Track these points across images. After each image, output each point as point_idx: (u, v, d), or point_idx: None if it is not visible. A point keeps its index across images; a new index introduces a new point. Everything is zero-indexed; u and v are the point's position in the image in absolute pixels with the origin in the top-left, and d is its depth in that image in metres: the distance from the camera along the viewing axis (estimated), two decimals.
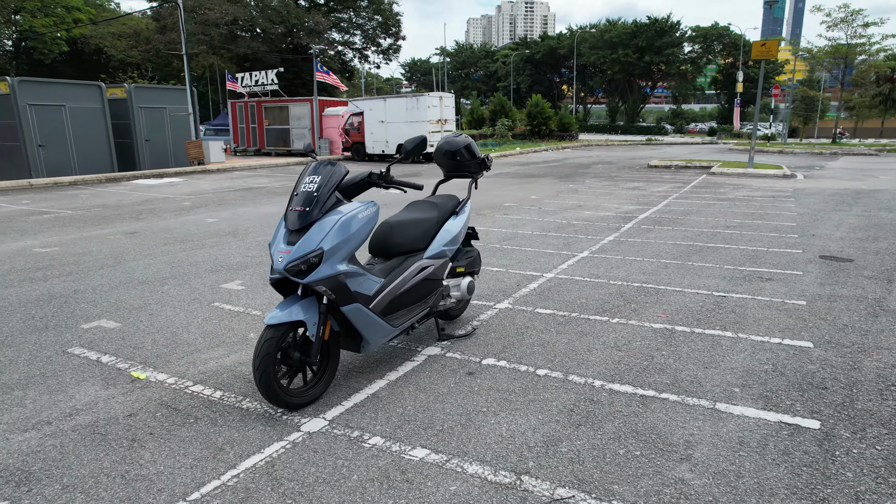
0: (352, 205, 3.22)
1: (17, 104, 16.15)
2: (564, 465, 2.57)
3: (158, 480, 2.54)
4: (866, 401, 3.08)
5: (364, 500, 2.37)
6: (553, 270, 5.91)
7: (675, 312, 4.56)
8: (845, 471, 2.49)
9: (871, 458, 2.57)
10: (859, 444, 2.68)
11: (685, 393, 3.21)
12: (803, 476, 2.46)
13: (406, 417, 3.04)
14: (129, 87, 18.73)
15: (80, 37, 53.25)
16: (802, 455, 2.61)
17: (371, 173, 3.43)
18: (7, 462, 2.71)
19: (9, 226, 9.40)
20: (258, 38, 36.69)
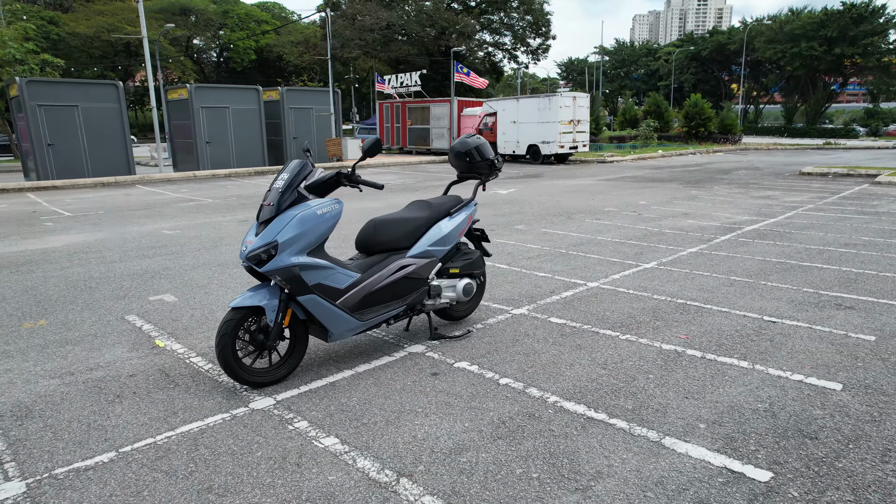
0: (314, 201, 3.39)
1: (193, 107, 18.76)
2: (452, 475, 2.51)
3: (110, 431, 2.93)
4: (856, 460, 2.56)
5: (249, 474, 2.54)
6: (601, 280, 5.58)
7: (701, 334, 4.10)
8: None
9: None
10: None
11: (638, 422, 2.92)
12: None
13: (343, 407, 3.15)
14: (281, 90, 20.84)
15: (265, 46, 60.10)
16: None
17: (339, 172, 3.58)
18: (23, 400, 3.30)
19: (158, 211, 11.04)
20: (411, 42, 38.58)
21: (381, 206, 10.96)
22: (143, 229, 8.90)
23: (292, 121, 21.21)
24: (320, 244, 3.44)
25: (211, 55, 66.37)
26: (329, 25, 23.42)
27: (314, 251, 3.41)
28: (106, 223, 9.60)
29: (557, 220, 9.19)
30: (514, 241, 7.54)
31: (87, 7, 52.61)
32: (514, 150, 22.94)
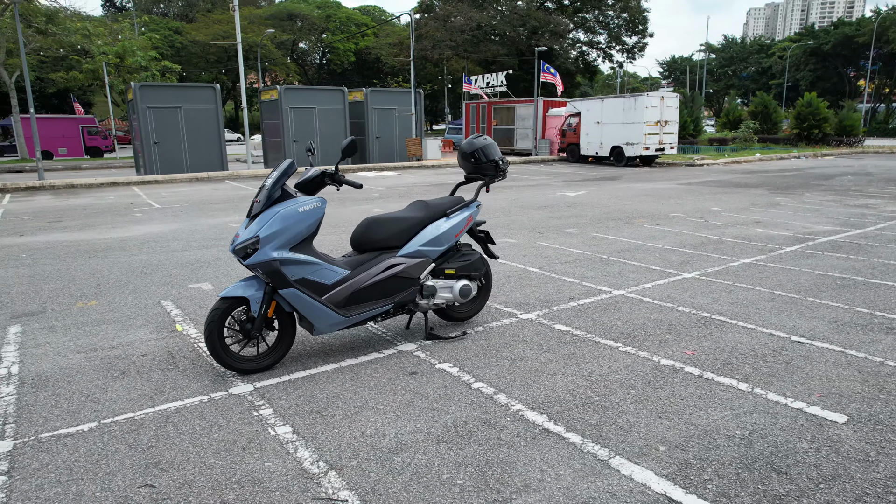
0: (297, 199, 3.52)
1: (282, 107, 19.86)
2: (379, 473, 2.52)
3: (101, 404, 3.22)
4: (826, 499, 2.30)
5: (197, 454, 2.69)
6: (630, 288, 5.33)
7: (711, 351, 3.81)
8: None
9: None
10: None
11: (594, 438, 2.78)
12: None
13: (311, 399, 3.25)
14: (366, 91, 21.55)
15: (364, 48, 62.31)
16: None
17: (323, 172, 3.69)
18: (47, 370, 3.69)
19: (235, 205, 11.81)
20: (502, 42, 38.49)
21: None
22: (214, 221, 9.58)
23: (375, 121, 21.88)
24: (305, 240, 3.56)
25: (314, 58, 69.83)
26: (412, 27, 23.89)
27: (299, 247, 3.54)
28: (185, 215, 10.41)
29: (614, 224, 8.84)
30: (558, 244, 7.35)
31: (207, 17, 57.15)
32: (597, 152, 22.28)
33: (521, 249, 7.07)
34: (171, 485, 2.46)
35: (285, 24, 59.44)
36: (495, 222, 9.06)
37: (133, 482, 2.48)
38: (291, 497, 2.37)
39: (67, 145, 31.75)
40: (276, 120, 20.27)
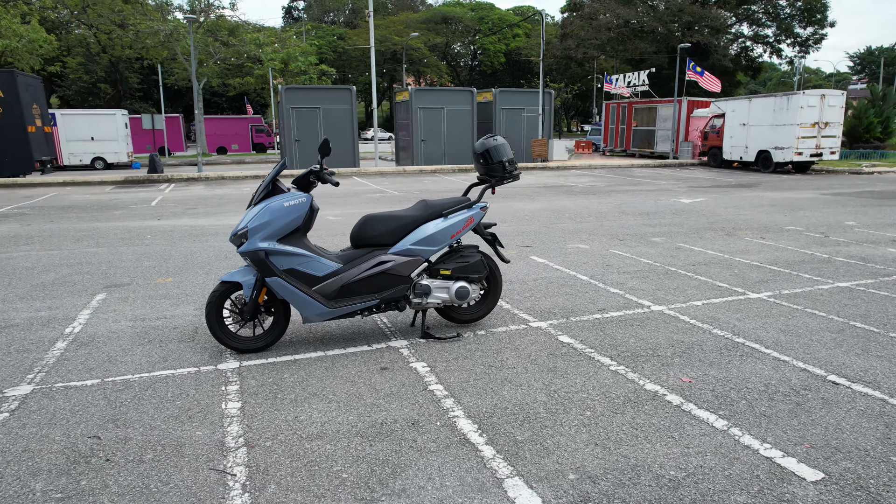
0: (285, 194, 3.75)
1: (412, 108, 20.73)
2: (281, 456, 2.64)
3: (113, 365, 3.72)
4: None
5: (150, 418, 3.02)
6: (674, 304, 4.88)
7: (712, 381, 3.39)
8: None
9: None
10: None
11: (507, 456, 2.65)
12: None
13: (277, 381, 3.46)
14: (494, 92, 21.69)
15: (514, 49, 62.56)
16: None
17: (310, 170, 3.87)
18: (98, 333, 4.33)
19: (346, 199, 12.63)
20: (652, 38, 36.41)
21: (538, 208, 10.88)
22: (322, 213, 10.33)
23: (503, 121, 21.96)
24: (294, 233, 3.79)
25: (467, 59, 71.63)
26: (543, 26, 23.51)
27: (288, 239, 3.77)
28: None
29: (710, 235, 8.05)
30: (631, 253, 6.90)
31: (367, 23, 61.39)
32: (741, 157, 20.24)
33: (585, 256, 6.75)
34: (112, 439, 2.80)
35: (439, 28, 61.73)
36: (581, 227, 8.72)
37: (87, 432, 2.86)
38: (195, 464, 2.58)
39: (239, 142, 36.00)
40: (407, 120, 21.21)
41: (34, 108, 17.58)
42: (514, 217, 9.79)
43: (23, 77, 17.22)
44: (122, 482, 2.46)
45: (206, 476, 2.50)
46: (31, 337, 4.24)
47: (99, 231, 8.81)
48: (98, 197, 13.68)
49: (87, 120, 25.44)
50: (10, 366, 3.71)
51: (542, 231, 8.41)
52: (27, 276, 6.07)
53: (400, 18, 60.69)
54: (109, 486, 2.44)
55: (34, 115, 17.48)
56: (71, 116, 25.22)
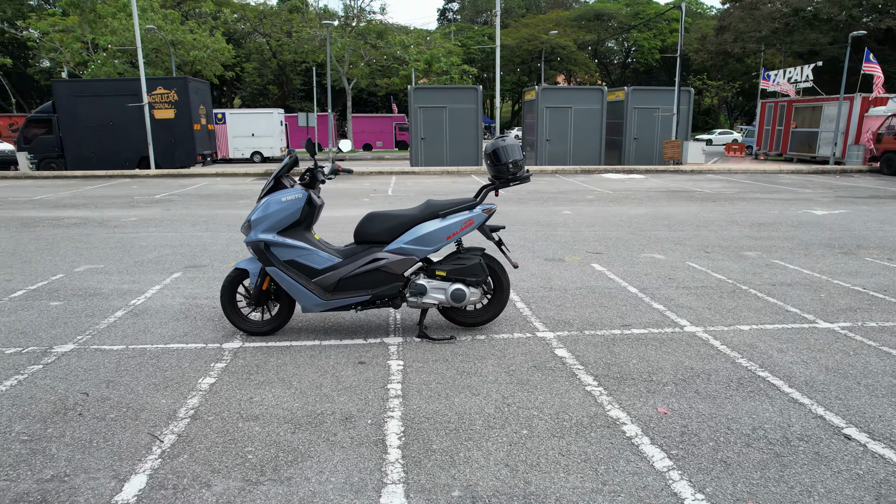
0: (285, 190, 3.97)
1: (538, 107, 20.45)
2: (210, 429, 2.85)
3: (147, 335, 4.24)
4: None
5: (137, 384, 3.41)
6: (714, 327, 4.37)
7: (692, 417, 3.01)
8: None
9: None
10: None
11: (405, 464, 2.60)
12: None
13: (259, 364, 3.71)
14: (627, 90, 20.65)
15: (670, 45, 58.73)
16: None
17: (308, 168, 4.05)
18: (152, 306, 4.95)
19: (451, 196, 12.85)
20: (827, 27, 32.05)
21: (638, 213, 10.26)
22: None
23: (635, 121, 20.83)
24: (295, 226, 4.01)
25: (620, 57, 68.74)
26: (682, 18, 21.73)
27: (289, 231, 4.01)
28: (400, 202, 11.83)
29: (820, 252, 7.00)
30: (707, 267, 6.26)
31: (518, 22, 61.36)
32: None
33: (652, 267, 6.25)
34: (97, 397, 3.22)
35: (591, 25, 59.94)
36: (672, 236, 8.06)
37: (82, 389, 3.32)
38: (140, 428, 2.89)
39: (383, 139, 38.09)
40: (533, 119, 20.98)
41: (201, 108, 20.20)
42: (603, 222, 9.30)
43: (193, 82, 19.86)
44: (76, 435, 2.83)
45: (141, 439, 2.78)
46: (104, 304, 4.96)
47: (215, 218, 9.93)
48: (236, 187, 15.37)
49: (249, 118, 28.60)
50: (72, 327, 4.39)
51: (625, 238, 7.91)
52: (137, 252, 7.06)
53: (550, 17, 59.94)
54: (65, 436, 2.82)
55: (200, 115, 20.07)
56: (236, 115, 28.52)
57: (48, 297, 5.17)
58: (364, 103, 54.51)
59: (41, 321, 4.54)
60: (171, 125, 19.11)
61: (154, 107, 18.92)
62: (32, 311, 4.78)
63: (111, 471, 2.53)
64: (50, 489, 2.40)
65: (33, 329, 4.36)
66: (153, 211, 10.86)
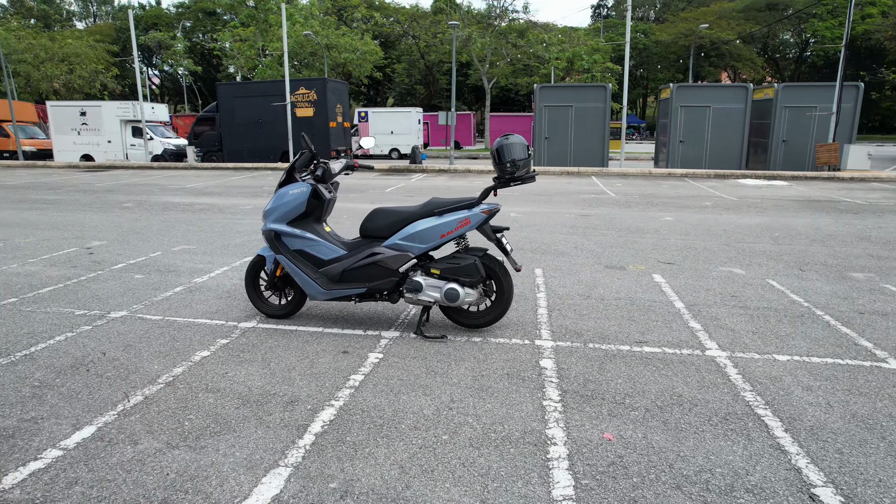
0: (294, 184, 4.21)
1: (672, 106, 19.13)
2: (172, 398, 3.16)
3: (186, 309, 4.76)
4: None
5: (150, 352, 3.87)
6: (739, 352, 3.87)
7: (634, 448, 2.72)
8: None
9: None
10: None
11: (307, 452, 2.68)
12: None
13: (254, 344, 4.00)
14: (777, 87, 18.53)
15: (861, 33, 51.38)
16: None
17: (316, 165, 4.22)
18: (204, 284, 5.54)
19: (550, 198, 12.59)
20: None
21: (749, 223, 9.25)
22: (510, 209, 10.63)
23: (785, 121, 18.61)
24: (303, 217, 4.25)
25: (794, 50, 61.55)
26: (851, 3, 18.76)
27: (298, 222, 4.26)
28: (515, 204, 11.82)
29: None
30: (787, 286, 5.50)
31: (677, 16, 57.44)
32: None
33: (721, 282, 5.63)
34: (111, 357, 3.72)
35: (761, 16, 54.32)
36: (771, 249, 7.16)
37: (104, 349, 3.85)
38: (123, 388, 3.28)
39: None
40: (666, 119, 19.66)
41: (337, 107, 21.74)
42: (701, 230, 8.51)
43: (331, 83, 21.44)
44: (72, 387, 3.30)
45: (118, 396, 3.17)
46: (172, 280, 5.64)
47: None
48: (357, 182, 16.34)
49: (389, 117, 30.18)
50: (135, 297, 5.07)
51: (712, 249, 7.19)
52: (229, 237, 7.87)
53: (712, 9, 55.32)
54: (63, 386, 3.30)
55: (336, 113, 21.61)
56: (377, 114, 30.24)
57: (136, 271, 5.98)
58: (510, 102, 54.73)
59: (117, 290, 5.28)
60: (309, 122, 20.81)
61: (296, 106, 20.76)
62: (117, 282, 5.58)
63: (74, 419, 2.93)
64: (22, 428, 2.85)
65: (107, 296, 5.10)
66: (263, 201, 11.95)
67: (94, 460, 2.58)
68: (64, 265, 6.22)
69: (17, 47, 35.86)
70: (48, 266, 6.18)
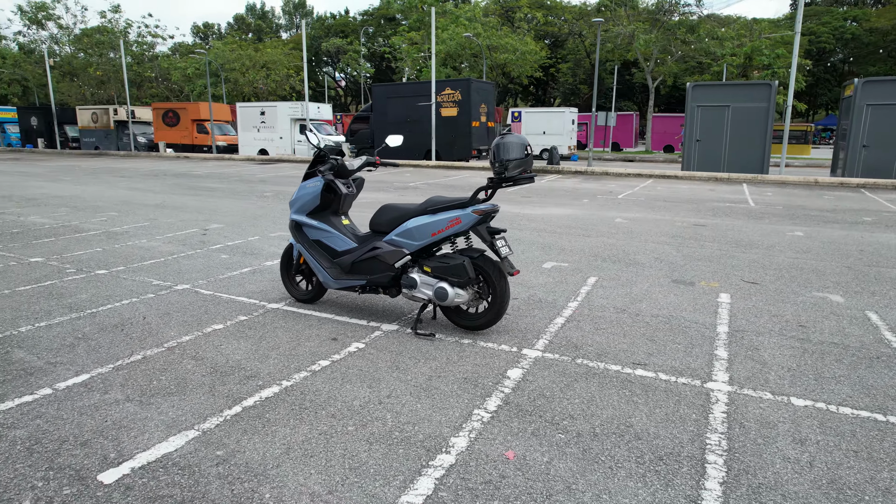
0: (313, 178, 4.49)
1: (856, 104, 16.50)
2: (167, 357, 3.63)
3: (239, 286, 5.35)
4: None
5: (182, 322, 4.44)
6: (747, 388, 3.35)
7: (524, 471, 2.54)
8: None
9: None
10: None
11: (224, 423, 2.92)
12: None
13: (264, 324, 4.38)
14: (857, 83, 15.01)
15: None
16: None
17: (331, 164, 4.44)
18: (271, 267, 6.13)
19: (670, 206, 11.67)
20: None
21: (883, 241, 7.77)
22: (618, 215, 10.12)
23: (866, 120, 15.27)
24: (321, 209, 4.52)
25: None
26: None
27: (315, 214, 4.55)
28: (619, 206, 11.26)
29: None
30: (883, 320, 4.58)
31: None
32: None
33: (803, 308, 4.84)
34: (147, 322, 4.34)
35: None
36: (885, 274, 5.96)
37: (145, 314, 4.50)
38: (135, 346, 3.84)
39: None
40: (847, 119, 16.97)
41: (482, 107, 22.11)
42: (830, 250, 7.29)
43: (476, 83, 21.86)
44: (101, 341, 3.94)
45: (125, 353, 3.72)
46: (248, 261, 6.32)
47: None
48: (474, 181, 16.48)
49: (543, 117, 29.91)
50: (205, 273, 5.79)
51: (824, 270, 6.15)
52: None
53: None
54: (95, 340, 3.95)
55: (480, 113, 22.00)
56: (531, 114, 30.13)
57: (226, 252, 6.80)
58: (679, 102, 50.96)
59: (198, 266, 6.08)
60: (453, 122, 21.48)
61: (441, 105, 21.55)
62: (204, 260, 6.41)
63: (80, 367, 3.51)
64: (42, 369, 3.48)
65: (187, 271, 5.89)
66: (385, 196, 12.64)
67: (65, 401, 3.08)
68: (177, 243, 7.28)
69: (229, 58, 41.92)
70: (166, 243, 7.29)
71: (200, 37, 73.66)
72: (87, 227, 8.36)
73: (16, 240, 7.45)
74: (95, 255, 6.57)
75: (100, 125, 29.87)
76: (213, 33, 74.43)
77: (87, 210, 10.16)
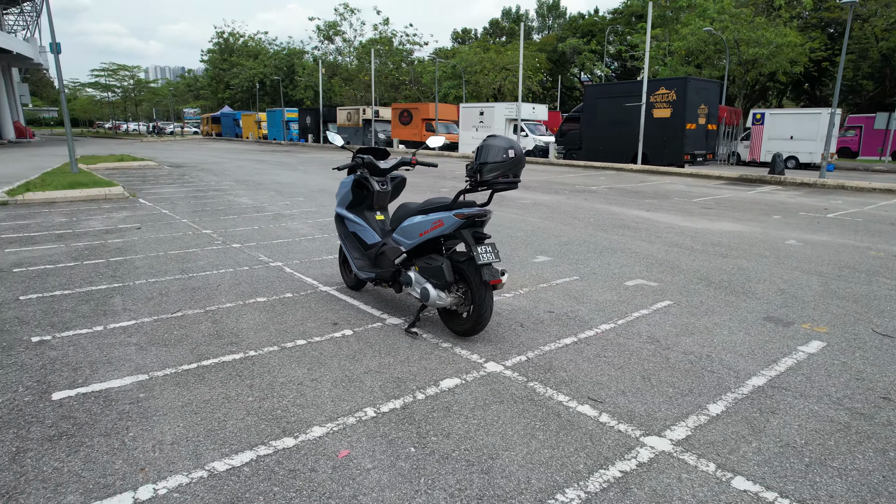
0: (350, 175, 4.85)
1: None
2: (175, 320, 4.40)
3: (309, 269, 6.04)
4: None
5: (216, 293, 5.26)
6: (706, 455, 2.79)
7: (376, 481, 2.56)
8: None
9: None
10: None
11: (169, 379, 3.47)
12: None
13: (300, 302, 4.92)
14: None
15: None
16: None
17: (360, 161, 4.72)
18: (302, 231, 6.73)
19: (818, 226, 9.31)
20: None
21: None
22: (801, 236, 8.56)
23: None
24: (356, 204, 4.88)
25: None
26: None
27: (353, 209, 4.92)
28: (781, 227, 9.46)
29: None
30: None
31: None
32: None
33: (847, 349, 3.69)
34: (218, 289, 5.24)
35: None
36: None
37: (223, 283, 5.41)
38: (168, 308, 4.71)
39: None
40: None
41: (701, 107, 19.97)
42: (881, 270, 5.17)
43: (695, 82, 19.79)
44: (172, 298, 4.91)
45: (176, 308, 4.60)
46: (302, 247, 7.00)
47: (564, 208, 10.66)
48: (689, 188, 15.02)
49: (791, 119, 25.80)
50: (300, 255, 6.61)
51: None
52: None
53: None
54: (144, 299, 4.93)
55: (699, 115, 19.90)
56: (776, 116, 26.18)
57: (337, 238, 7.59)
58: None
59: (300, 250, 6.95)
60: (665, 124, 19.87)
61: (654, 106, 20.08)
62: (320, 244, 7.27)
63: (133, 315, 4.46)
64: (85, 315, 4.51)
65: (295, 252, 6.79)
66: (555, 198, 12.42)
67: (98, 338, 4.00)
68: (317, 228, 8.35)
69: (472, 61, 44.85)
70: (310, 227, 8.42)
71: (458, 41, 79.79)
72: (268, 209, 10.07)
73: (213, 216, 9.36)
74: (248, 232, 7.94)
75: (352, 123, 34.77)
76: (471, 38, 79.97)
77: (285, 195, 12.15)
